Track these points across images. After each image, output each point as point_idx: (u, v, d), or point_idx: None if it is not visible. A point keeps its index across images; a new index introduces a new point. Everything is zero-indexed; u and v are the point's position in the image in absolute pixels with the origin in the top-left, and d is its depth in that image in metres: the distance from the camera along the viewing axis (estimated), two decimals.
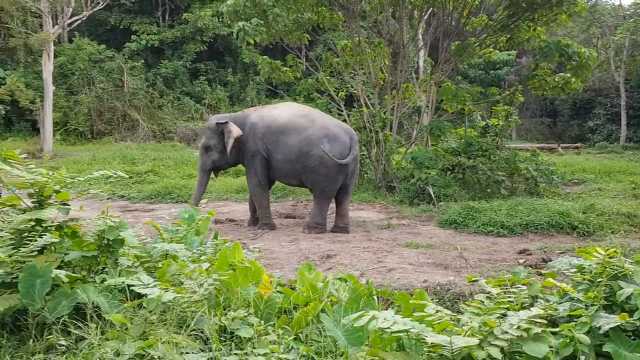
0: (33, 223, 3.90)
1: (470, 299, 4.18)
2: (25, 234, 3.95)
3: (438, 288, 5.52)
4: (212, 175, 9.53)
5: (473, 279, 3.53)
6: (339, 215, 8.86)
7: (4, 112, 22.79)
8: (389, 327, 2.60)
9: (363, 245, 7.70)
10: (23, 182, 4.08)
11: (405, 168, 12.33)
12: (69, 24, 23.05)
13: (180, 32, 27.09)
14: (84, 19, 23.22)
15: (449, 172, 12.09)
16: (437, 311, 2.82)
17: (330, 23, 13.91)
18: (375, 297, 3.58)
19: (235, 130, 8.68)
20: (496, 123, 13.66)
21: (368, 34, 18.29)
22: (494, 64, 27.73)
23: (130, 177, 13.92)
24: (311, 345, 3.14)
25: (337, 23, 14.07)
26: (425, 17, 15.39)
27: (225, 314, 3.35)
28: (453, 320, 2.78)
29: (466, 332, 2.59)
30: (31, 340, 3.19)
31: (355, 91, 15.08)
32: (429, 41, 15.42)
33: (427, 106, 14.45)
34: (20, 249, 3.73)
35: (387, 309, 3.11)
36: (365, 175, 13.26)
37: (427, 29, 15.66)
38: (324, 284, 3.60)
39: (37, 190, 4.09)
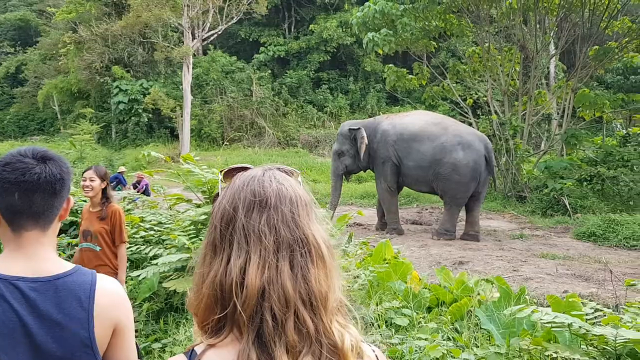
0: (205, 216, 4.45)
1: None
2: (201, 226, 4.51)
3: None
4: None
5: (632, 282, 3.45)
6: (470, 223, 8.83)
7: (146, 120, 25.18)
8: (551, 321, 2.69)
9: (496, 254, 7.63)
10: (198, 179, 4.65)
11: (538, 177, 11.93)
12: (205, 38, 24.92)
13: (305, 43, 28.20)
14: (219, 32, 24.99)
15: (585, 183, 11.47)
16: (596, 310, 2.87)
17: (457, 30, 13.83)
18: (527, 298, 3.65)
19: (365, 137, 9.01)
20: (639, 132, 12.75)
21: (496, 39, 17.86)
22: (635, 69, 25.59)
23: None
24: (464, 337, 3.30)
25: (464, 30, 13.95)
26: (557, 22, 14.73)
27: (379, 304, 3.60)
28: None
29: (631, 327, 2.62)
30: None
31: (484, 98, 14.81)
32: (562, 46, 14.74)
33: (558, 113, 13.84)
34: (199, 237, 4.28)
35: None
36: (493, 184, 12.97)
37: (559, 33, 14.96)
38: (475, 283, 3.73)
39: (209, 187, 4.65)
